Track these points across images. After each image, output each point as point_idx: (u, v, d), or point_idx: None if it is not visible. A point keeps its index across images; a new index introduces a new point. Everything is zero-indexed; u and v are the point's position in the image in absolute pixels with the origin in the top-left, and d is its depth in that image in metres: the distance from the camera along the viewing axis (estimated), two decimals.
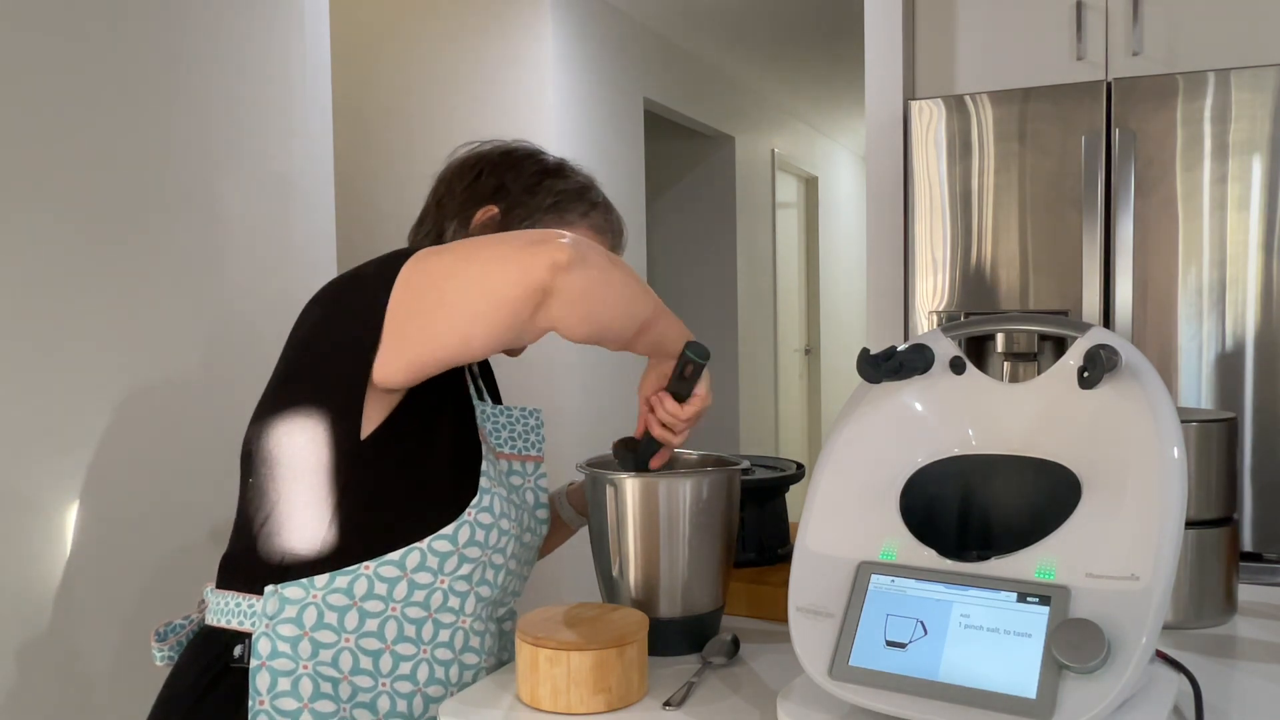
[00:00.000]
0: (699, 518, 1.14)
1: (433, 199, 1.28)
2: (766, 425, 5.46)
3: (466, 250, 1.03)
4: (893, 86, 2.56)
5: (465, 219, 1.23)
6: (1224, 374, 2.17)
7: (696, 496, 1.14)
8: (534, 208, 1.23)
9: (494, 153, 1.28)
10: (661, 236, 5.09)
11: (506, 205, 1.23)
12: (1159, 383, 0.91)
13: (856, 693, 0.87)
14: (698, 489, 1.14)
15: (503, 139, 1.32)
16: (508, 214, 1.23)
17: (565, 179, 1.27)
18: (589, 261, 1.01)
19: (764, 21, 4.18)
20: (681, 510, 1.13)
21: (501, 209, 1.23)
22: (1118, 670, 0.79)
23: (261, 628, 1.05)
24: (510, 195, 1.24)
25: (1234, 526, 1.21)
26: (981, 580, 0.88)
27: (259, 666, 1.04)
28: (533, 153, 1.29)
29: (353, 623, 1.07)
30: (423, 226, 1.28)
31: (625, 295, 1.05)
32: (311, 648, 1.05)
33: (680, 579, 1.14)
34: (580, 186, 1.27)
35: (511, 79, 3.47)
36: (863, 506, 0.97)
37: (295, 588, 1.06)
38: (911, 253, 2.44)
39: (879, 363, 1.00)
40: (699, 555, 1.14)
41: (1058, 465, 0.93)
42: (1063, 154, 2.28)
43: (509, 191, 1.24)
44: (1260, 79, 2.12)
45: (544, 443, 1.28)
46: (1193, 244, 2.19)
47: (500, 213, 1.23)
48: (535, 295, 0.99)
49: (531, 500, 1.24)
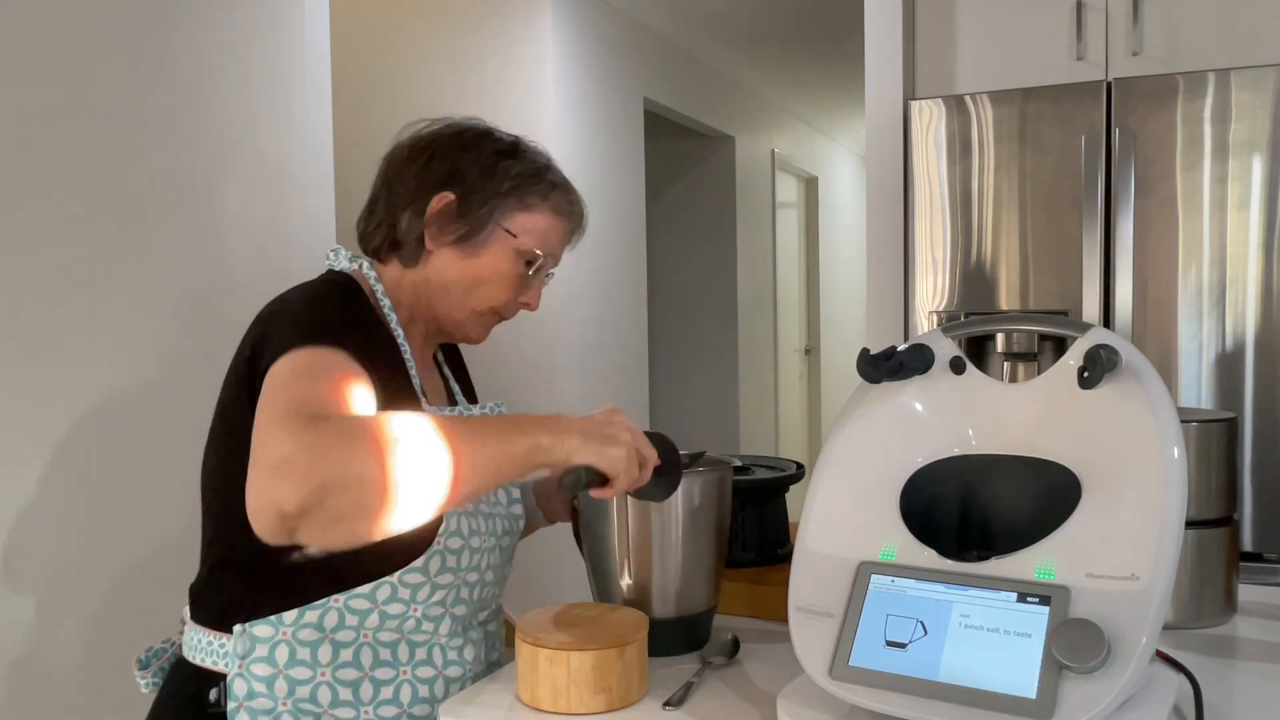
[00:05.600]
0: (691, 518, 1.14)
1: (381, 183, 1.21)
2: (766, 425, 5.46)
3: (271, 406, 0.94)
4: (893, 86, 2.56)
5: (419, 207, 1.17)
6: (1224, 374, 2.17)
7: (688, 498, 1.13)
8: (491, 192, 1.17)
9: (445, 134, 1.21)
10: (661, 236, 5.09)
11: (463, 191, 1.17)
12: (1159, 383, 0.91)
13: (856, 693, 0.87)
14: (689, 491, 1.13)
15: (452, 117, 1.24)
16: (464, 200, 1.17)
17: (522, 160, 1.20)
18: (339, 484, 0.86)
19: (764, 21, 4.18)
20: (674, 512, 1.13)
21: (457, 195, 1.16)
22: (1118, 670, 0.79)
23: (235, 668, 1.04)
24: (466, 180, 1.17)
25: (1234, 526, 1.21)
26: (981, 580, 0.88)
27: (237, 708, 1.04)
28: (486, 132, 1.22)
29: (326, 656, 1.06)
30: (373, 215, 1.21)
31: (422, 474, 0.90)
32: (288, 685, 1.04)
33: (673, 580, 1.14)
34: (538, 168, 1.21)
35: (511, 79, 3.47)
36: (863, 506, 0.97)
37: (264, 625, 1.05)
38: (911, 253, 2.44)
39: (879, 363, 1.00)
40: (691, 556, 1.14)
41: (1058, 465, 0.93)
42: (1063, 154, 2.28)
43: (464, 176, 1.17)
44: (1260, 79, 2.12)
45: None
46: (1193, 244, 2.19)
47: (457, 199, 1.16)
48: (280, 525, 0.86)
49: (504, 498, 1.21)
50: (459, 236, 1.16)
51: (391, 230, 1.19)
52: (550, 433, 0.98)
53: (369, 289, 1.17)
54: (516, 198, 1.18)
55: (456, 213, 1.16)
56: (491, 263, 1.18)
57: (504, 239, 1.18)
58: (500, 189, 1.17)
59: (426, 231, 1.17)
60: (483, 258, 1.18)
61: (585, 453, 0.98)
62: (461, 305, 1.19)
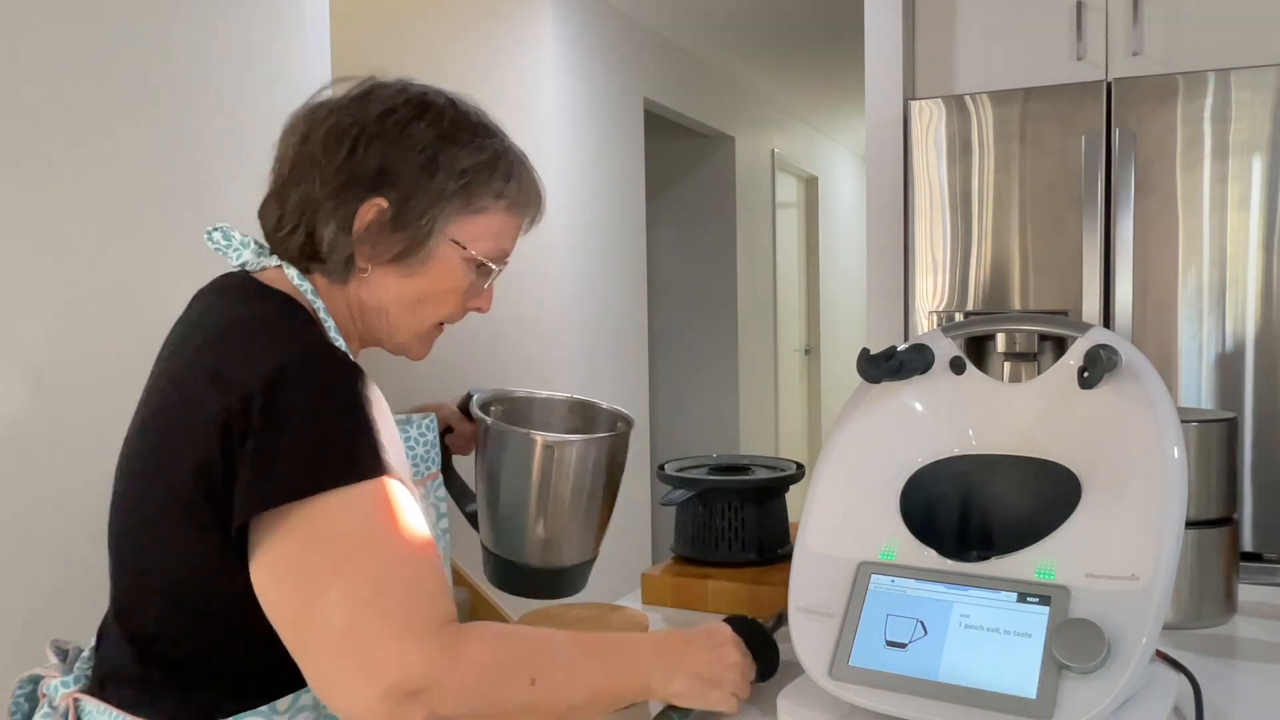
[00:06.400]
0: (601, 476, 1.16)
1: (289, 169, 0.97)
2: (766, 425, 5.46)
3: (358, 592, 0.80)
4: (893, 86, 2.56)
5: (345, 218, 0.95)
6: (1224, 374, 2.17)
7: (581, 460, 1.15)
8: (435, 196, 0.96)
9: (369, 116, 0.96)
10: (661, 236, 5.09)
11: (398, 196, 0.95)
12: (1159, 383, 0.91)
13: (856, 693, 0.87)
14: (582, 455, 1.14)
15: (375, 77, 1.00)
16: (401, 208, 0.95)
17: (466, 145, 0.98)
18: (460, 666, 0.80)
19: (764, 21, 4.18)
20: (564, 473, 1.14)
21: (391, 201, 0.95)
22: (1118, 670, 0.79)
23: None
24: (400, 181, 0.95)
25: (1234, 526, 1.21)
26: (981, 580, 0.88)
27: None
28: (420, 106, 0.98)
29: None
30: (284, 211, 0.98)
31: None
32: None
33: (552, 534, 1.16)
34: (490, 155, 1.00)
35: (511, 79, 3.47)
36: (863, 506, 0.97)
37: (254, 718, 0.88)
38: (911, 253, 2.44)
39: (879, 363, 1.00)
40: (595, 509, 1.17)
41: (1058, 465, 0.93)
42: (1063, 154, 2.28)
43: (398, 175, 0.95)
44: (1260, 79, 2.12)
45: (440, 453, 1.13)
46: (1193, 244, 2.19)
47: (391, 208, 0.95)
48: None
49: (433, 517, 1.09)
50: (396, 254, 0.97)
51: (311, 240, 0.97)
52: (663, 672, 0.92)
53: (310, 307, 0.96)
54: (464, 200, 0.98)
55: (391, 225, 0.96)
56: (437, 280, 1.00)
57: (451, 251, 0.99)
58: (445, 191, 0.97)
59: (356, 250, 0.96)
60: (427, 275, 0.99)
61: (688, 698, 0.93)
62: (404, 326, 1.02)
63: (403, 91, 0.99)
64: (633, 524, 3.89)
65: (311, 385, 0.85)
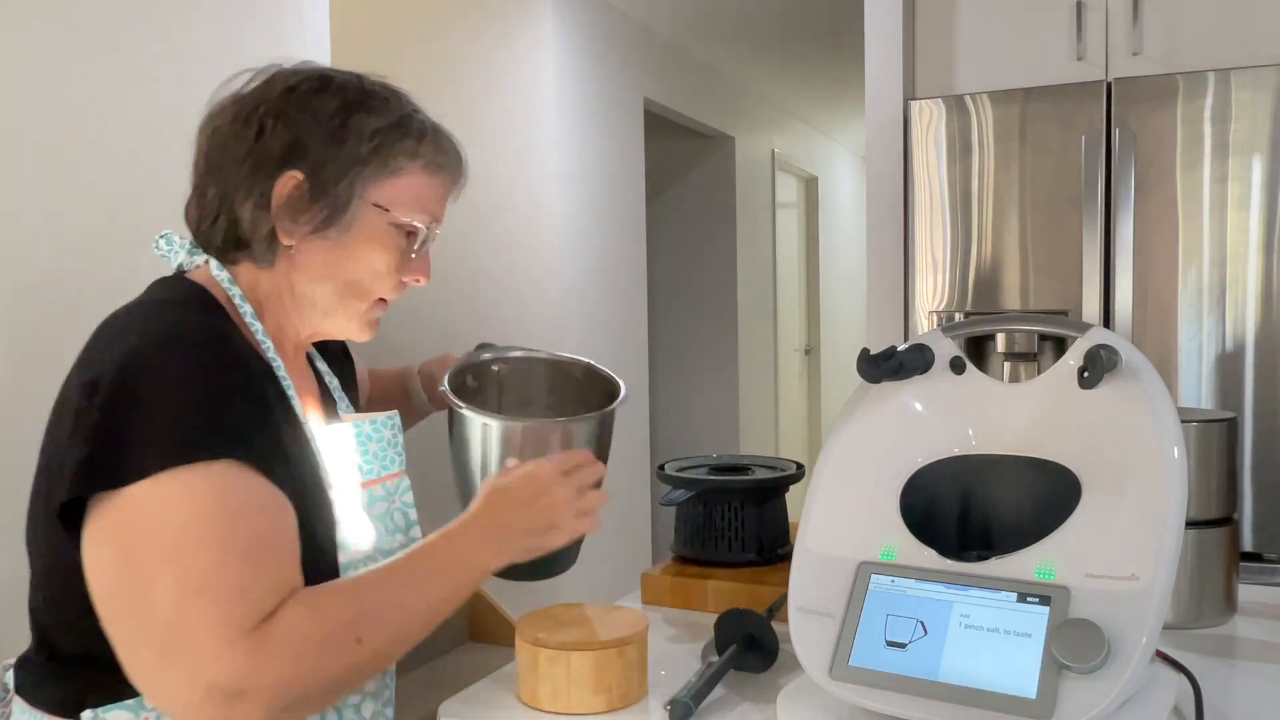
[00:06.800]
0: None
1: (204, 163, 0.98)
2: (766, 425, 5.46)
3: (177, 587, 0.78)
4: (893, 86, 2.56)
5: (262, 195, 0.95)
6: (1224, 374, 2.17)
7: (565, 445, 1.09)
8: (349, 161, 0.95)
9: (272, 95, 0.97)
10: (661, 236, 5.09)
11: (311, 166, 0.94)
12: (1159, 383, 0.91)
13: (856, 693, 0.87)
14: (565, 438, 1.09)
15: (279, 64, 1.00)
16: (316, 177, 0.94)
17: (375, 110, 0.97)
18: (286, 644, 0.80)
19: (764, 21, 4.18)
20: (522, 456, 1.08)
21: (306, 172, 0.94)
22: (1118, 670, 0.79)
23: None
24: (311, 150, 0.94)
25: (1234, 526, 1.21)
26: (981, 580, 0.88)
27: None
28: (324, 79, 0.98)
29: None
30: (204, 207, 0.98)
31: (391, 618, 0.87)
32: None
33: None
34: (399, 117, 0.98)
35: (511, 79, 3.47)
36: (863, 506, 0.97)
37: (120, 710, 0.87)
38: (911, 253, 2.44)
39: (879, 363, 1.00)
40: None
41: (1058, 465, 0.93)
42: (1063, 154, 2.28)
43: (308, 146, 0.94)
44: (1260, 79, 2.12)
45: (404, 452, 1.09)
46: (1193, 244, 2.19)
47: (306, 178, 0.94)
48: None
49: (401, 521, 1.05)
50: (318, 224, 0.96)
51: (234, 226, 0.97)
52: (492, 548, 0.94)
53: (225, 298, 0.97)
54: (379, 162, 0.97)
55: (309, 195, 0.95)
56: (365, 248, 0.98)
57: (374, 216, 0.97)
58: (358, 154, 0.96)
59: (277, 225, 0.95)
60: (353, 243, 0.97)
61: (533, 553, 0.97)
62: (338, 303, 1.00)
63: (304, 70, 0.99)
64: (633, 524, 3.89)
65: (163, 367, 0.83)
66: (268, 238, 0.96)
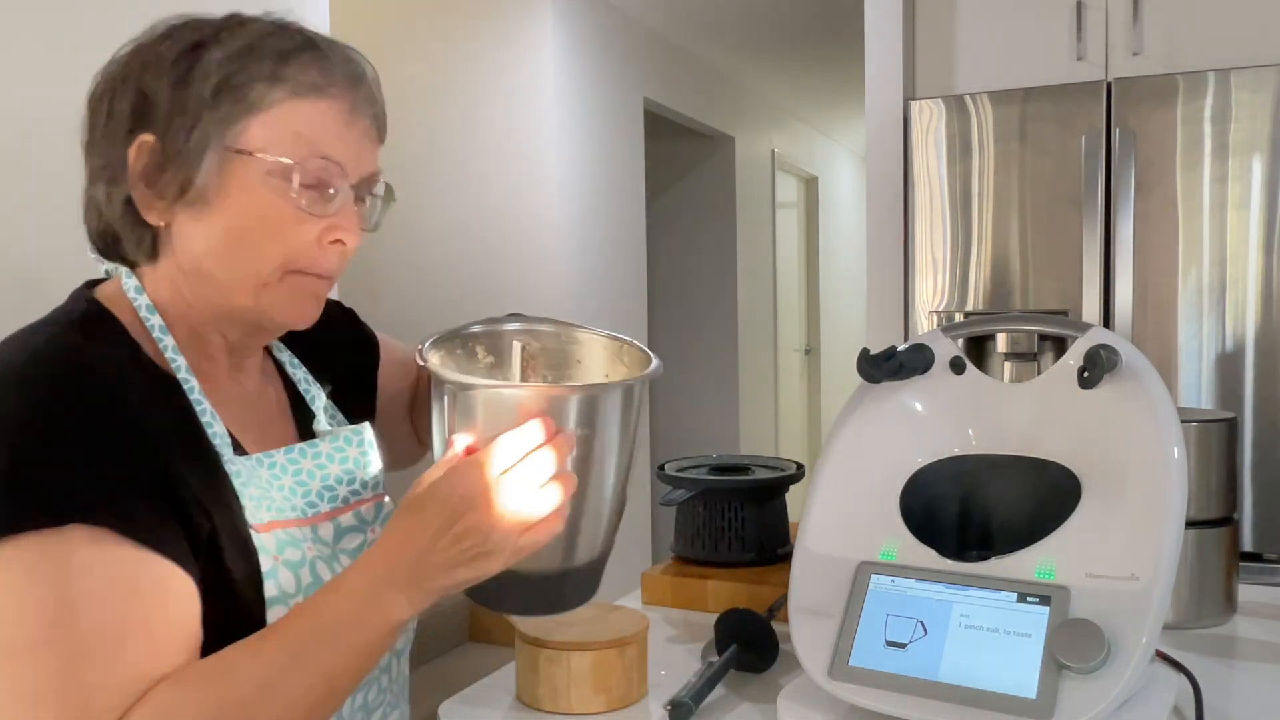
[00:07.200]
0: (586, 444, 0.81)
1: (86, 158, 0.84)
2: (766, 425, 5.46)
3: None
4: (893, 86, 2.56)
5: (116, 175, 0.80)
6: (1224, 374, 2.17)
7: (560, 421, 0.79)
8: (196, 105, 0.78)
9: (115, 66, 0.82)
10: (661, 236, 5.09)
11: (161, 124, 0.79)
12: (1159, 383, 0.91)
13: (856, 693, 0.87)
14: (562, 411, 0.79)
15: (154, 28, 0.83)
16: (167, 133, 0.78)
17: (221, 42, 0.79)
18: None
19: (764, 21, 4.18)
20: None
21: (157, 131, 0.79)
22: (1118, 670, 0.79)
23: None
24: (158, 103, 0.78)
25: (1234, 526, 1.21)
26: (981, 580, 0.88)
27: None
28: (165, 33, 0.81)
29: None
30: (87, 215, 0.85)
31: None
32: None
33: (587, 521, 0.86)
34: (250, 40, 0.80)
35: (511, 79, 3.47)
36: (863, 506, 0.97)
37: None
38: (911, 253, 2.44)
39: (879, 363, 1.00)
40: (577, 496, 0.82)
41: (1058, 465, 0.93)
42: (1063, 154, 2.28)
43: (154, 99, 0.79)
44: (1260, 79, 2.12)
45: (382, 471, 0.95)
46: (1193, 244, 2.19)
47: (157, 139, 0.79)
48: None
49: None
50: (179, 190, 0.79)
51: (103, 219, 0.83)
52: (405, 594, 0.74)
53: (131, 313, 0.83)
54: (231, 99, 0.78)
55: (164, 158, 0.79)
56: (241, 207, 0.79)
57: (241, 165, 0.79)
58: (204, 95, 0.78)
59: (138, 202, 0.80)
60: (226, 204, 0.79)
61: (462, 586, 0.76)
62: (236, 283, 0.81)
63: (149, 28, 0.83)
64: (633, 524, 3.90)
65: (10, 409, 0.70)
66: (133, 223, 0.81)
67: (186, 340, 0.84)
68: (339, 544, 0.87)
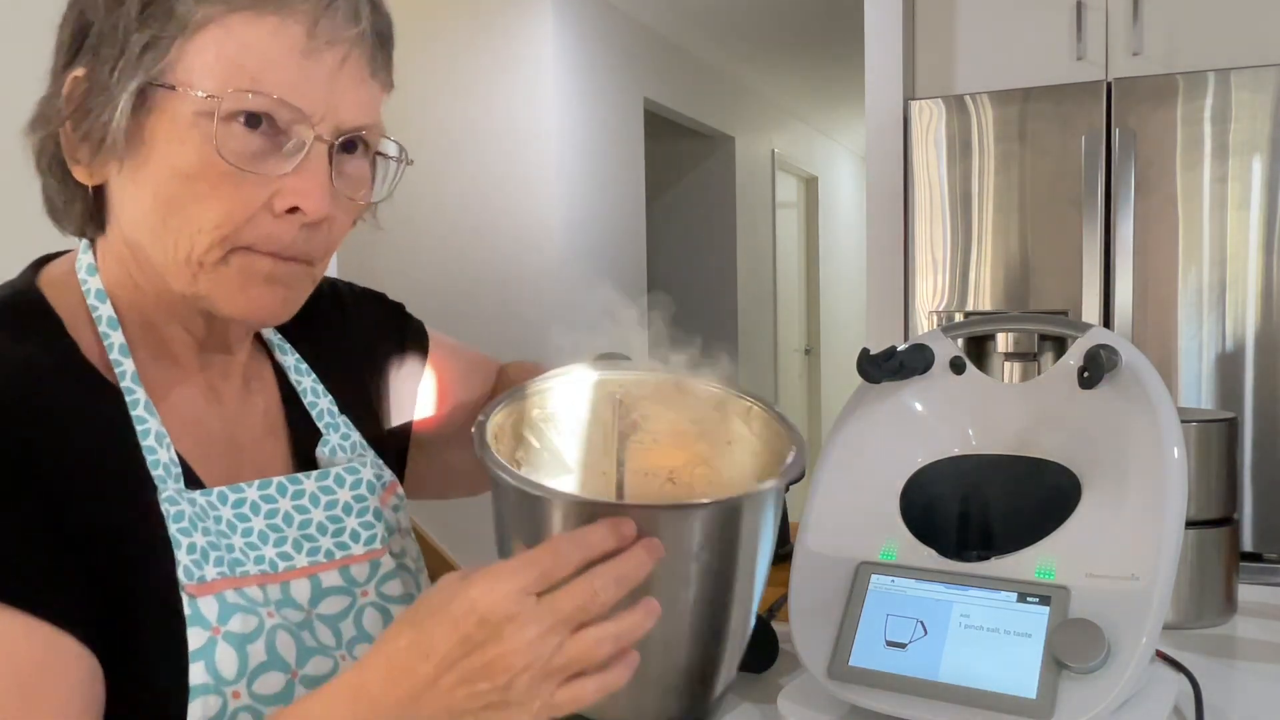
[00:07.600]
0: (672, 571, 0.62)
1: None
2: None
3: None
4: (893, 86, 2.56)
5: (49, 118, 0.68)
6: (1224, 374, 2.17)
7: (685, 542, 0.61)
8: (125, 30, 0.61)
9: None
10: (661, 236, 5.09)
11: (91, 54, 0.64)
12: (1159, 383, 0.91)
13: (856, 693, 0.87)
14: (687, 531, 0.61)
15: None
16: (95, 66, 0.63)
17: None
18: None
19: (764, 21, 4.18)
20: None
21: (87, 64, 0.64)
22: (1118, 670, 0.79)
23: None
24: (90, 32, 0.64)
25: (1234, 526, 1.21)
26: (981, 580, 0.88)
27: None
28: None
29: None
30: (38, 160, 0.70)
31: None
32: None
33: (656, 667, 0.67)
34: None
35: (511, 79, 3.47)
36: (863, 506, 0.97)
37: None
38: (911, 253, 2.44)
39: (879, 363, 1.00)
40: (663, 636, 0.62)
41: (1058, 465, 0.93)
42: (1063, 154, 2.28)
43: (88, 27, 0.64)
44: (1260, 79, 2.12)
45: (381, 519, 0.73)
46: (1193, 244, 2.19)
47: (87, 71, 0.64)
48: None
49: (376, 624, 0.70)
50: (101, 136, 0.63)
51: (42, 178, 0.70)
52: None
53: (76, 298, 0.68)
54: (158, 21, 0.61)
55: (88, 95, 0.64)
56: (168, 160, 0.62)
57: (171, 102, 0.62)
58: (133, 15, 0.62)
59: (65, 153, 0.66)
60: (156, 153, 0.63)
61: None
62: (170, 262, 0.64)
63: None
64: None
65: None
66: (62, 179, 0.67)
67: (140, 336, 0.68)
68: (317, 608, 0.67)
